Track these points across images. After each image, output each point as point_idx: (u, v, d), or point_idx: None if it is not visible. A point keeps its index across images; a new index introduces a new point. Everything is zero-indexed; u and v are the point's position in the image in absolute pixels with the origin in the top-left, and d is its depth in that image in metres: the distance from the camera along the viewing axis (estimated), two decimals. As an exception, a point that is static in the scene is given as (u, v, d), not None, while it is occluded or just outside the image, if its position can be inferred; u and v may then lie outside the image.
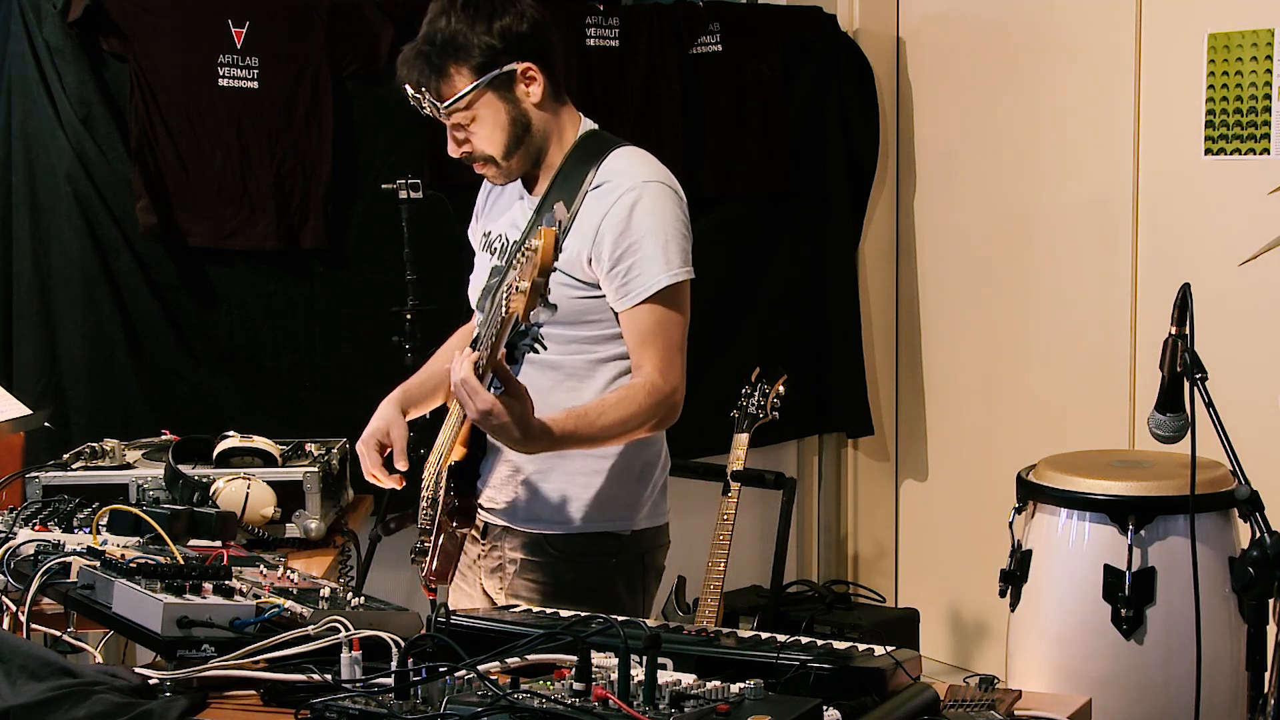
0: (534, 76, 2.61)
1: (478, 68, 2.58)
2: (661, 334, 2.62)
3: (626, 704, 1.71)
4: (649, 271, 2.61)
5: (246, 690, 1.99)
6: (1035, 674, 3.34)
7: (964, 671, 5.05)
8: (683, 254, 2.66)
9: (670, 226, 2.64)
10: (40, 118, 3.84)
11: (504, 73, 2.59)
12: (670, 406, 2.62)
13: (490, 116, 2.61)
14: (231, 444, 3.11)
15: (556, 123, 2.69)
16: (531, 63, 2.60)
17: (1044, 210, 4.89)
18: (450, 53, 2.57)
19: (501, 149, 2.65)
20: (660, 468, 2.81)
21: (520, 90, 2.62)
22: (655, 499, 2.79)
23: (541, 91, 2.63)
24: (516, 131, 2.64)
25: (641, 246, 2.60)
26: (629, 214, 2.60)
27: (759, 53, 4.99)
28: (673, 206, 2.66)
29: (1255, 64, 4.24)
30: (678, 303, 2.66)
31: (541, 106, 2.65)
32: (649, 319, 2.62)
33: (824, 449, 5.46)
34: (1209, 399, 2.59)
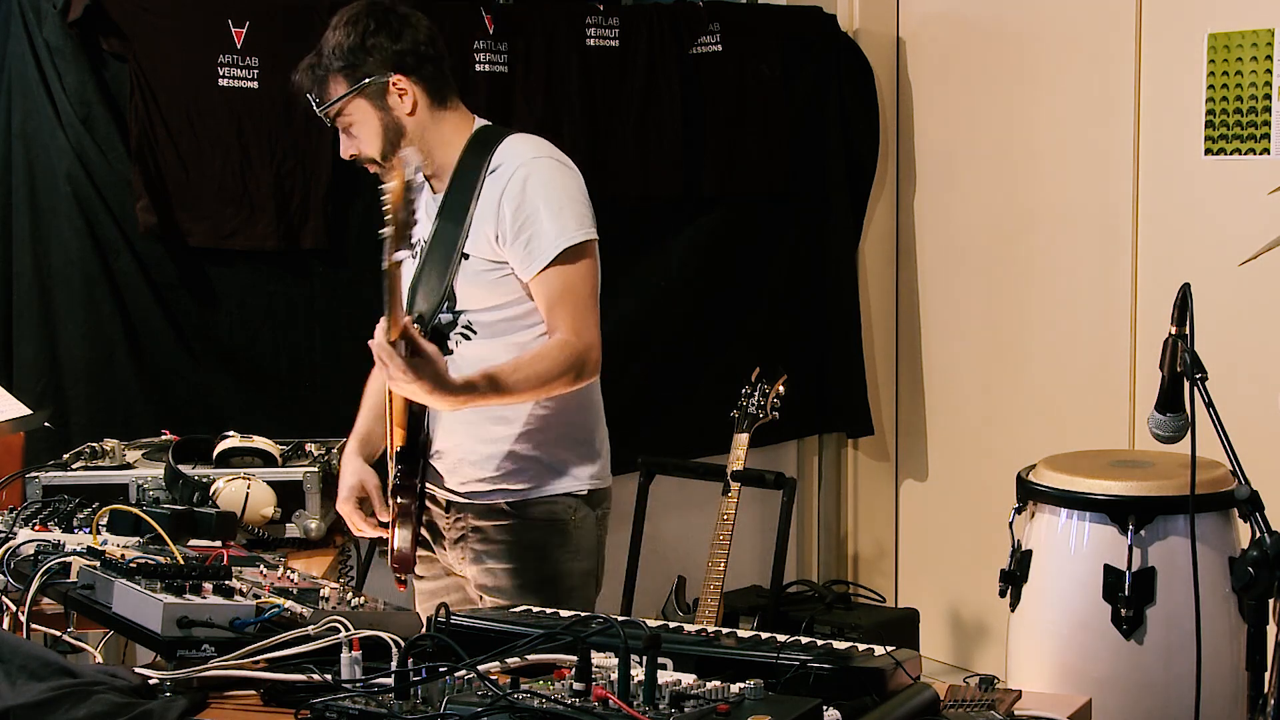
0: (404, 89, 2.85)
1: (349, 78, 2.84)
2: (569, 294, 2.78)
3: (626, 704, 1.72)
4: (546, 237, 2.77)
5: (246, 690, 2.00)
6: (1035, 674, 3.34)
7: (964, 671, 5.05)
8: (578, 218, 2.80)
9: (562, 194, 2.80)
10: (40, 118, 3.84)
11: (374, 83, 2.84)
12: (585, 361, 2.77)
13: (365, 122, 2.88)
14: (231, 444, 3.12)
15: (438, 129, 2.91)
16: (402, 75, 2.84)
17: (1044, 210, 4.89)
18: (329, 63, 2.86)
19: (378, 151, 2.89)
20: (601, 432, 2.99)
21: (393, 100, 2.86)
22: (603, 461, 2.98)
23: (414, 102, 2.87)
24: (390, 137, 2.88)
25: (538, 216, 2.78)
26: (522, 189, 2.79)
27: (759, 53, 4.99)
28: (563, 177, 2.83)
29: (1255, 64, 4.24)
30: (581, 264, 2.80)
31: (416, 115, 2.88)
32: (555, 281, 2.78)
33: (824, 449, 5.46)
34: (1209, 399, 2.59)
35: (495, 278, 2.83)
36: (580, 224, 2.80)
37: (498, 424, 2.89)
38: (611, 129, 4.69)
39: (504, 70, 4.46)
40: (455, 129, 2.93)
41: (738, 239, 5.04)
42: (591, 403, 2.96)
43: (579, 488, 2.93)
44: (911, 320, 5.36)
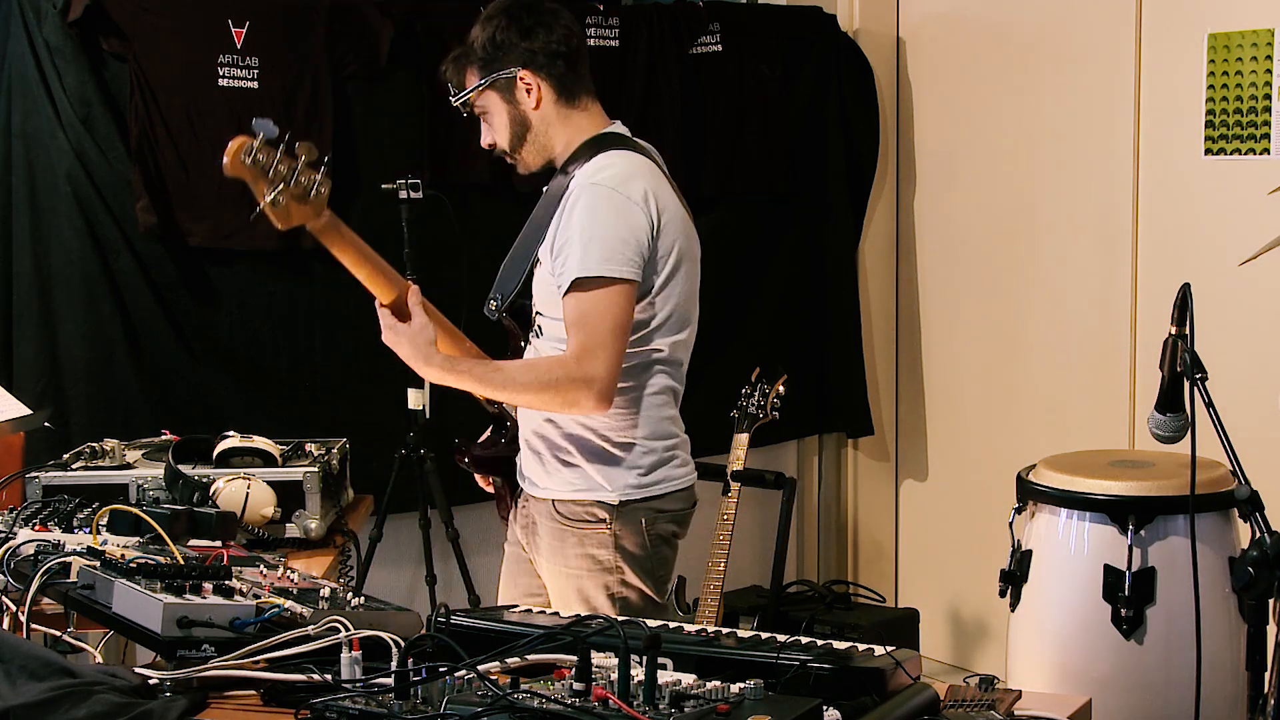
0: (530, 84, 2.92)
1: (481, 70, 2.94)
2: (584, 324, 2.79)
3: (626, 704, 1.72)
4: (570, 264, 2.81)
5: (246, 690, 1.99)
6: (1035, 674, 3.34)
7: (964, 671, 5.05)
8: (607, 253, 2.80)
9: (600, 226, 2.81)
10: (40, 118, 3.84)
11: (503, 77, 2.93)
12: (580, 388, 2.78)
13: (495, 113, 2.97)
14: (231, 444, 3.11)
15: (564, 125, 2.97)
16: (529, 70, 2.92)
17: (1044, 210, 4.89)
18: (467, 55, 2.97)
19: (506, 143, 2.98)
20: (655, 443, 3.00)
21: (520, 94, 2.94)
22: (651, 470, 2.98)
23: (539, 97, 2.93)
24: (517, 130, 2.97)
25: (571, 242, 2.82)
26: (570, 213, 2.85)
27: (759, 53, 4.99)
28: (608, 208, 2.83)
29: (1255, 64, 4.24)
30: (603, 298, 2.80)
31: (541, 110, 2.94)
32: (572, 307, 2.81)
33: (824, 449, 5.46)
34: (1209, 399, 2.59)
35: (554, 289, 2.86)
36: (606, 259, 2.79)
37: (544, 419, 2.95)
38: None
39: (504, 70, 4.45)
40: (580, 129, 2.98)
41: (738, 239, 5.04)
42: (640, 412, 2.97)
43: (610, 497, 2.93)
44: (911, 320, 5.36)
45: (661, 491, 3.00)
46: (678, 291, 2.97)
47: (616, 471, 2.93)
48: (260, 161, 2.70)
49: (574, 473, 2.94)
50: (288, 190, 2.75)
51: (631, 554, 2.95)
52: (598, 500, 2.93)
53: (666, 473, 3.02)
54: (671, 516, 3.03)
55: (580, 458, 2.93)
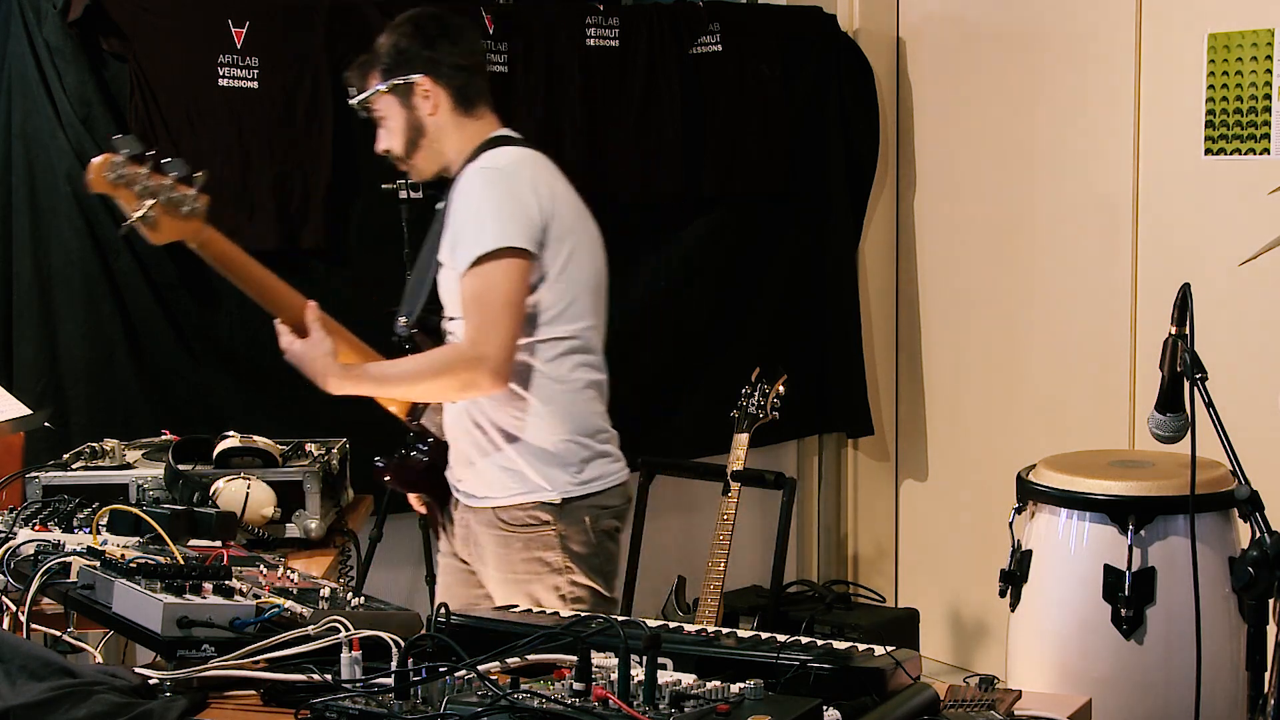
0: (429, 91, 3.00)
1: (383, 74, 3.03)
2: (476, 303, 2.86)
3: (626, 704, 1.72)
4: (462, 246, 2.87)
5: (246, 690, 1.99)
6: (1035, 674, 3.34)
7: (964, 671, 5.05)
8: (497, 228, 2.85)
9: (487, 204, 2.88)
10: (40, 118, 3.84)
11: (401, 83, 3.00)
12: (473, 367, 2.83)
13: (391, 117, 3.04)
14: (231, 444, 3.11)
15: (459, 134, 3.03)
16: (429, 78, 2.99)
17: (1044, 210, 4.89)
18: (372, 60, 3.05)
19: (400, 147, 3.06)
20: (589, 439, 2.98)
21: (417, 100, 3.01)
22: (586, 470, 2.97)
23: (436, 104, 3.00)
24: (412, 135, 3.04)
25: (460, 227, 2.89)
26: (456, 199, 2.93)
27: (759, 53, 4.99)
28: (488, 185, 2.90)
29: (1255, 64, 4.24)
30: (495, 274, 2.84)
31: (437, 117, 3.01)
32: (466, 289, 2.87)
33: (824, 449, 5.46)
34: (1209, 399, 2.59)
35: (456, 282, 2.92)
36: (498, 233, 2.84)
37: (476, 429, 2.96)
38: (611, 129, 4.69)
39: (504, 70, 4.46)
40: (472, 137, 3.03)
41: (738, 239, 5.04)
42: (567, 410, 2.96)
43: (552, 496, 2.94)
44: (911, 320, 5.36)
45: (600, 488, 2.99)
46: (579, 279, 2.97)
47: (553, 471, 2.94)
48: (125, 178, 2.80)
49: (512, 477, 2.94)
50: (159, 205, 2.86)
51: (578, 553, 2.96)
52: (539, 502, 2.94)
53: (603, 468, 3.00)
54: (613, 512, 3.04)
55: (517, 461, 2.94)
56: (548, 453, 2.93)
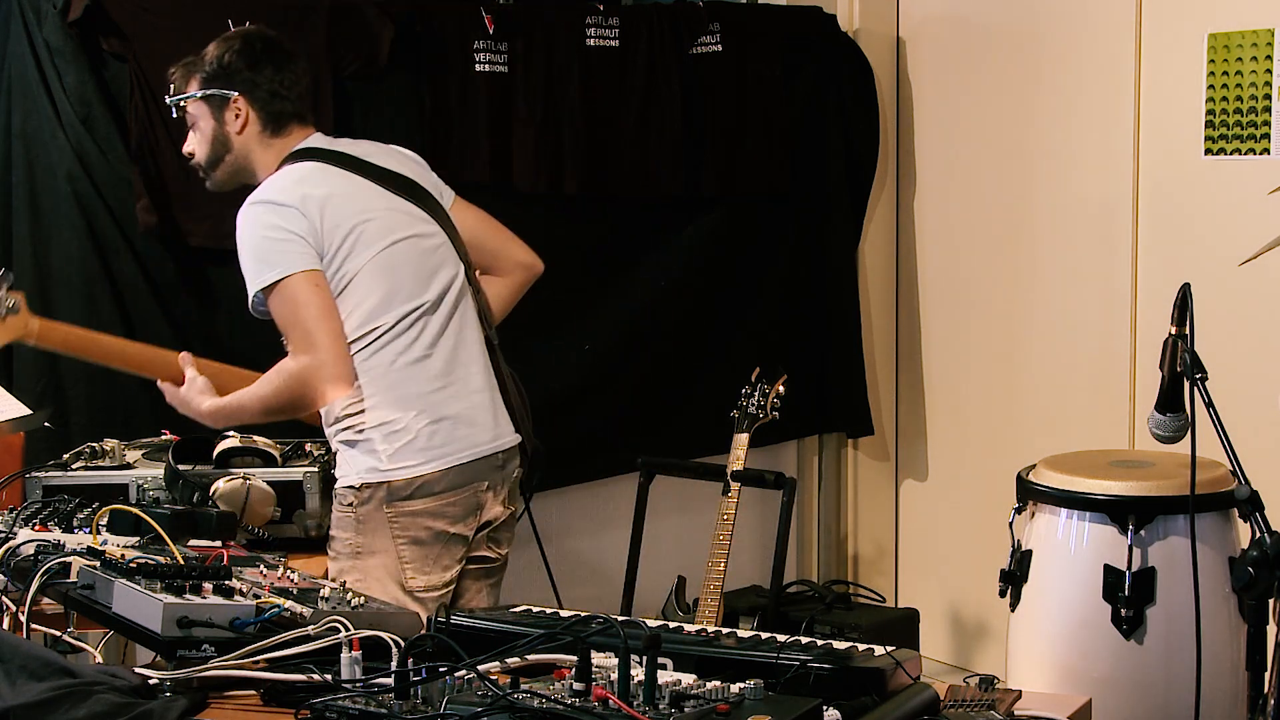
0: (240, 110, 3.12)
1: (202, 82, 3.15)
2: (286, 324, 3.01)
3: (626, 704, 1.72)
4: (252, 282, 3.01)
5: (246, 690, 2.00)
6: (1035, 674, 3.34)
7: (964, 671, 5.05)
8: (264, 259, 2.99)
9: (249, 240, 3.01)
10: (40, 118, 3.83)
11: (216, 94, 3.13)
12: (309, 382, 2.97)
13: (203, 126, 3.16)
14: (231, 444, 3.12)
15: (263, 154, 3.14)
16: (245, 99, 3.12)
17: (1044, 210, 4.89)
18: (196, 65, 3.18)
19: (205, 158, 3.19)
20: (398, 424, 3.02)
21: (229, 115, 3.13)
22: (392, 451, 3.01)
23: (244, 123, 3.12)
24: (217, 148, 3.16)
25: (244, 263, 3.02)
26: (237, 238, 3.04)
27: (759, 53, 4.99)
28: (253, 221, 3.02)
29: (1255, 64, 4.24)
30: (285, 296, 2.98)
31: (244, 135, 3.13)
32: (275, 314, 3.01)
33: (824, 449, 5.46)
34: (1209, 399, 2.59)
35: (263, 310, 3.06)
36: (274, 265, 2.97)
37: (327, 417, 3.06)
38: (611, 129, 4.69)
39: (504, 70, 4.45)
40: (278, 157, 3.14)
41: (738, 239, 5.04)
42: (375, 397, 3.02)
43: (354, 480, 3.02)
44: (911, 320, 5.36)
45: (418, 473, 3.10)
46: (387, 266, 3.05)
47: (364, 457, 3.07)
48: None
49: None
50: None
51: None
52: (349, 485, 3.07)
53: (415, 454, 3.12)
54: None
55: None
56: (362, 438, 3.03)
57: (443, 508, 3.04)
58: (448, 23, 4.35)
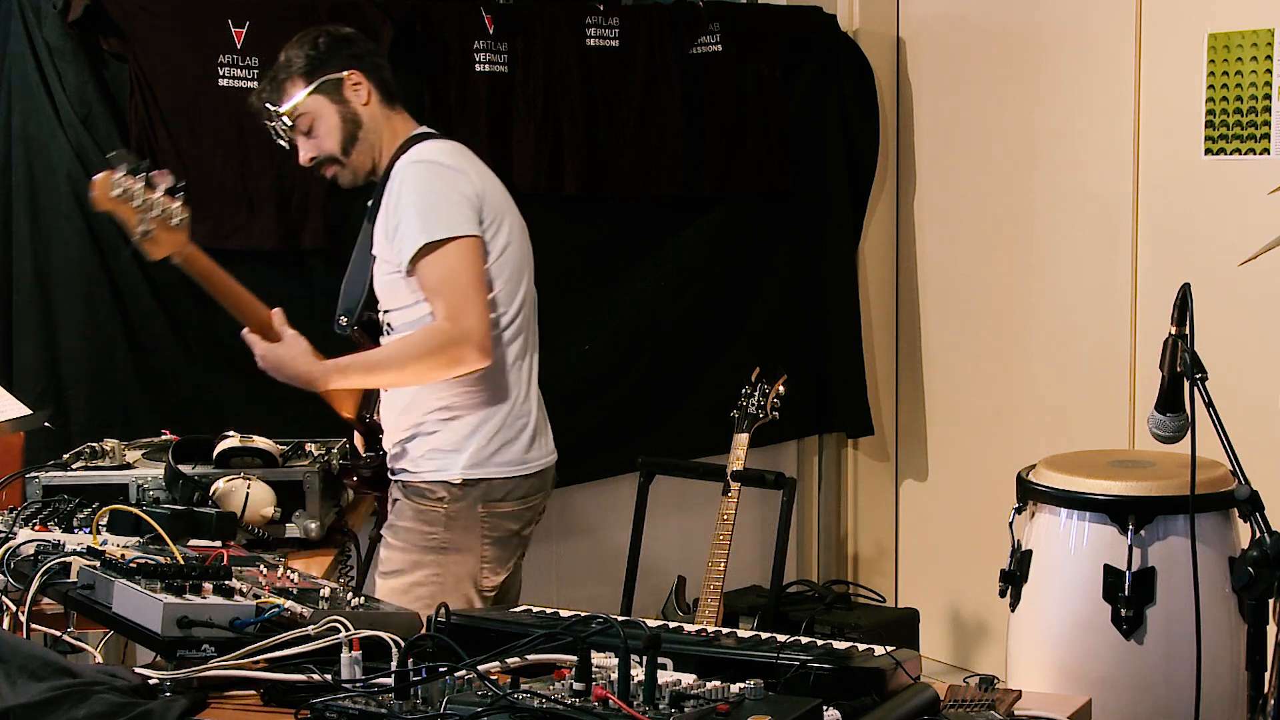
0: (359, 82, 3.06)
1: (304, 76, 3.06)
2: (443, 284, 2.92)
3: (626, 704, 1.72)
4: (410, 235, 2.93)
5: (246, 690, 2.00)
6: (1035, 674, 3.34)
7: (964, 671, 5.05)
8: (439, 215, 2.94)
9: (427, 194, 2.95)
10: (40, 118, 3.84)
11: (330, 79, 3.05)
12: (460, 346, 2.91)
13: (324, 117, 3.07)
14: (231, 444, 3.12)
15: (389, 126, 3.10)
16: (356, 70, 3.06)
17: (1044, 210, 4.89)
18: (284, 71, 3.09)
19: (339, 145, 3.08)
20: (500, 423, 3.06)
21: (349, 93, 3.07)
22: (492, 451, 3.05)
23: (368, 94, 3.07)
24: (349, 129, 3.08)
25: (402, 215, 2.94)
26: (398, 191, 2.97)
27: (759, 53, 4.99)
28: (433, 177, 2.98)
29: (1255, 64, 4.24)
30: (453, 257, 2.93)
31: (370, 107, 3.08)
32: (426, 274, 2.93)
33: (824, 449, 5.46)
34: (1209, 399, 2.59)
35: (397, 278, 3.00)
36: (442, 223, 2.92)
37: (400, 407, 3.06)
38: (611, 129, 4.69)
39: (504, 70, 4.45)
40: (397, 133, 3.11)
41: (738, 238, 5.04)
42: (488, 392, 3.03)
43: (452, 476, 3.01)
44: (911, 320, 5.36)
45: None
46: (513, 260, 3.07)
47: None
48: (128, 193, 2.80)
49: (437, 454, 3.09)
50: (155, 220, 2.86)
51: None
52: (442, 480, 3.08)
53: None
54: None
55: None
56: (463, 431, 3.04)
57: (522, 511, 3.11)
58: (448, 23, 4.36)
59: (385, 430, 3.16)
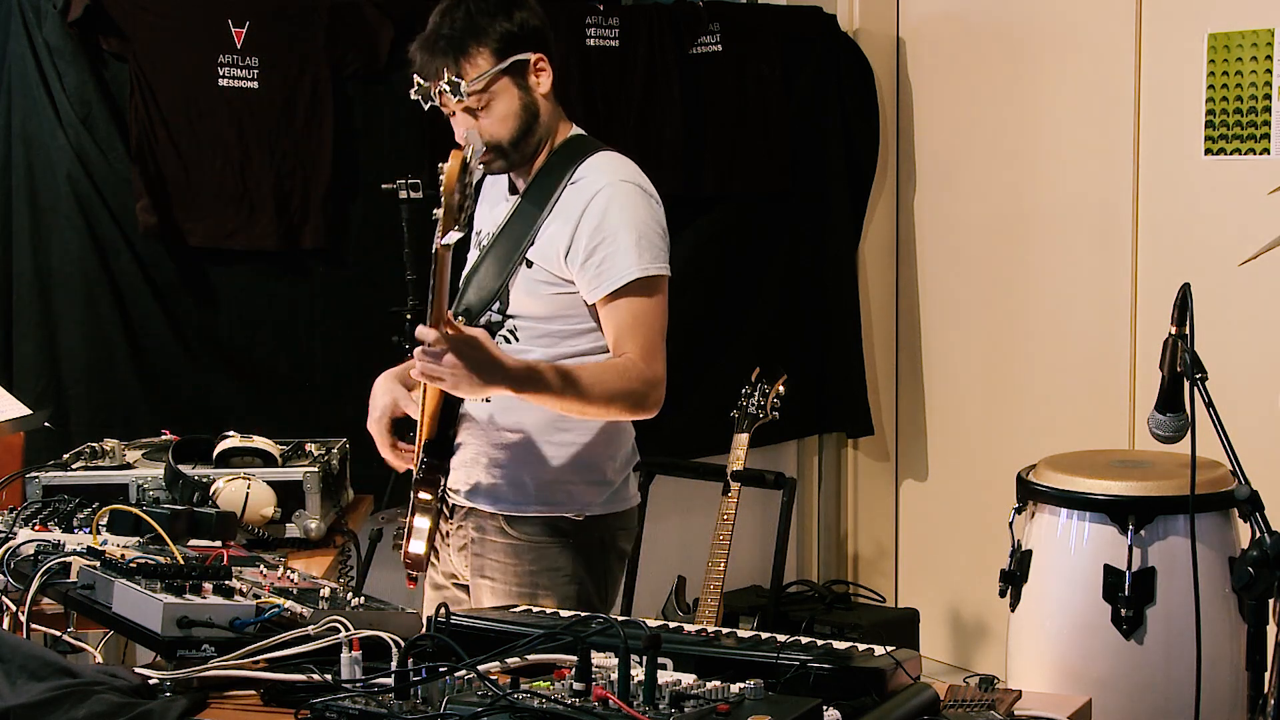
0: (544, 68, 2.74)
1: (497, 51, 2.69)
2: (640, 325, 2.70)
3: (626, 704, 1.72)
4: (622, 263, 2.68)
5: (246, 690, 1.99)
6: (1035, 674, 3.34)
7: (964, 671, 5.05)
8: (655, 250, 2.72)
9: (644, 224, 2.72)
10: (40, 118, 3.84)
11: (520, 60, 2.71)
12: (649, 393, 2.70)
13: (505, 102, 2.72)
14: (231, 444, 3.11)
15: (556, 119, 2.81)
16: (543, 54, 2.74)
17: (1044, 210, 4.89)
18: (473, 35, 2.69)
19: (511, 134, 2.74)
20: (622, 459, 2.93)
21: (533, 80, 2.74)
22: (616, 488, 2.92)
23: (550, 83, 2.76)
24: (527, 119, 2.75)
25: (615, 240, 2.68)
26: (604, 209, 2.70)
27: (759, 53, 4.99)
28: (647, 206, 2.75)
29: (1255, 64, 4.24)
30: (655, 298, 2.72)
31: (549, 100, 2.78)
32: (626, 311, 2.70)
33: (824, 449, 5.46)
34: (1209, 399, 2.59)
35: (553, 291, 2.75)
36: (656, 257, 2.71)
37: (512, 431, 2.82)
38: (611, 129, 4.68)
39: (504, 70, 4.45)
40: (562, 125, 2.83)
41: (738, 239, 5.04)
42: (612, 433, 2.89)
43: (577, 513, 2.85)
44: (911, 320, 5.36)
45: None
46: None
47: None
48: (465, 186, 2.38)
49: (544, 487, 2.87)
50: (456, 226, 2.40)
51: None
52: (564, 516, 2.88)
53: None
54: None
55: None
56: (589, 469, 2.86)
57: (629, 535, 3.00)
58: (448, 23, 4.35)
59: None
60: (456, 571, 2.97)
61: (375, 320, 4.10)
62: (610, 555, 2.93)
